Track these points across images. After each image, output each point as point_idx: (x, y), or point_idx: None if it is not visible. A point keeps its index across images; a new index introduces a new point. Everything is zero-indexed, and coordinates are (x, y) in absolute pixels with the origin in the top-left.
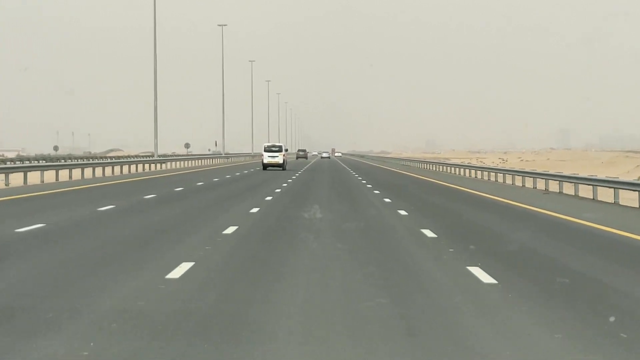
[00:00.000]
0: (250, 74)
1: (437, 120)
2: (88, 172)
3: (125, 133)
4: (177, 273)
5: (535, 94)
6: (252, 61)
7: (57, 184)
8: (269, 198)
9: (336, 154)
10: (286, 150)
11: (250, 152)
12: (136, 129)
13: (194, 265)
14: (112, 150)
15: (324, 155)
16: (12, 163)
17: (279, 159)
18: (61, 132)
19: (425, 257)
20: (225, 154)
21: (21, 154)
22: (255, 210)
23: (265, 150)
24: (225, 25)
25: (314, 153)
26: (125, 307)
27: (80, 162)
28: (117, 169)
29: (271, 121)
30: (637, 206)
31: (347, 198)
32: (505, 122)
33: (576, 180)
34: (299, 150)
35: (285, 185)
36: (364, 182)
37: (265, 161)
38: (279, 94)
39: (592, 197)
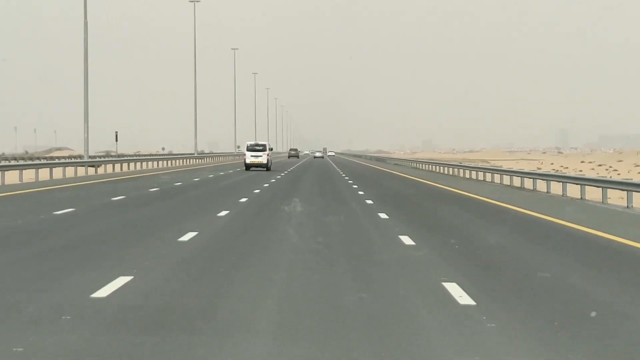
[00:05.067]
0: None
1: (433, 120)
2: None
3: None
4: None
5: (533, 93)
6: (234, 49)
7: None
8: None
9: (329, 154)
10: (271, 149)
11: (193, 152)
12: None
13: None
14: (58, 149)
15: (317, 155)
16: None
17: (262, 158)
18: (20, 129)
19: None
20: (118, 155)
21: None
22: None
23: (247, 150)
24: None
25: (306, 152)
26: None
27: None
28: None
29: (262, 120)
30: None
31: None
32: (502, 121)
33: None
34: (290, 150)
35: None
36: None
37: (247, 161)
38: (268, 89)
39: None
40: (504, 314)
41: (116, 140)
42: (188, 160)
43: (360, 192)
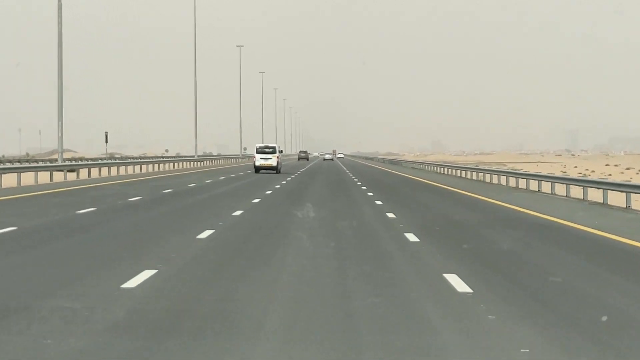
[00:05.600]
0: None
1: (442, 121)
2: None
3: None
4: None
5: (539, 95)
6: (240, 46)
7: None
8: None
9: (338, 156)
10: (281, 151)
11: (194, 154)
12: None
13: None
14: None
15: (327, 157)
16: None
17: (272, 161)
18: (24, 130)
19: None
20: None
21: None
22: None
23: (257, 152)
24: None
25: (315, 154)
26: None
27: None
28: None
29: (271, 122)
30: None
31: None
32: (509, 123)
33: None
34: (300, 152)
35: None
36: None
37: (257, 164)
38: (276, 89)
39: None
40: None
41: (106, 141)
42: (184, 163)
43: (390, 215)
